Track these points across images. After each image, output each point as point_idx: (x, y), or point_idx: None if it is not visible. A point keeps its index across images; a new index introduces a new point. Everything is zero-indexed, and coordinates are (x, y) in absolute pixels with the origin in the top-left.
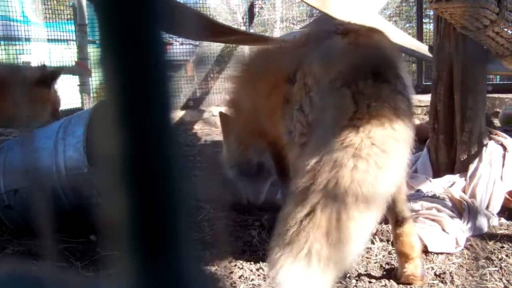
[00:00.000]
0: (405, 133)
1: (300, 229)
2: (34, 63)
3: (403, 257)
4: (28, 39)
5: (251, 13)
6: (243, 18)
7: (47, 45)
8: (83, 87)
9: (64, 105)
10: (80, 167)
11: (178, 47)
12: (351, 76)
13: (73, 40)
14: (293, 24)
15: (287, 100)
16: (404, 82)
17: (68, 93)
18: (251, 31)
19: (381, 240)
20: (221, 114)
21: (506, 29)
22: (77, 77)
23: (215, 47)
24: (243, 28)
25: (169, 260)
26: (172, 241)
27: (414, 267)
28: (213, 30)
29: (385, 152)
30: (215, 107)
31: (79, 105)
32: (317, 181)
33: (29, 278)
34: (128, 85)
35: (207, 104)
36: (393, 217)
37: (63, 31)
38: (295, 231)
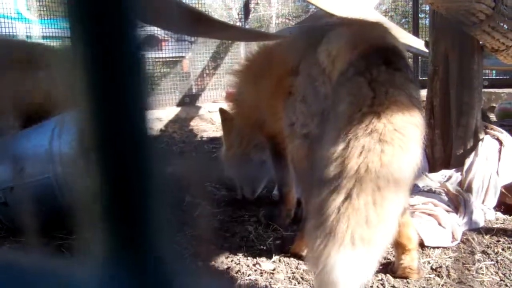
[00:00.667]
0: (420, 119)
1: (339, 216)
2: None
3: (400, 248)
4: (22, 37)
5: (246, 9)
6: (238, 14)
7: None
8: None
9: None
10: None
11: (173, 43)
12: (364, 65)
13: (68, 37)
14: (289, 19)
15: (290, 93)
16: (412, 72)
17: None
18: (247, 27)
19: None
20: (221, 110)
21: (502, 24)
22: None
23: (210, 44)
24: (238, 24)
25: (141, 244)
26: (144, 224)
27: (411, 259)
28: (201, 23)
29: (405, 136)
30: (211, 103)
31: None
32: (347, 168)
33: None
34: (98, 74)
35: (203, 101)
36: None
37: (58, 28)
38: (334, 219)
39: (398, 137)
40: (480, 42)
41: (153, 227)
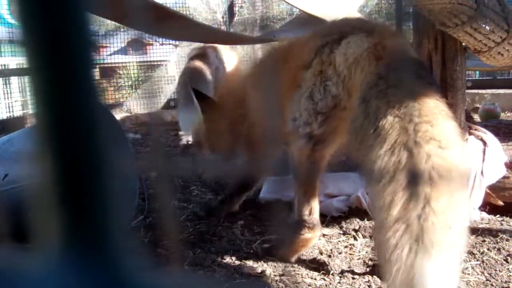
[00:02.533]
0: (456, 126)
1: (423, 223)
2: (12, 65)
3: None
4: (6, 41)
5: (231, 12)
6: (223, 18)
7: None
8: None
9: None
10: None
11: (158, 47)
12: (396, 78)
13: (20, 41)
14: (273, 22)
15: (299, 86)
16: (435, 80)
17: None
18: (231, 30)
19: (364, 237)
20: (204, 112)
21: (484, 25)
22: None
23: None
24: (223, 28)
25: (94, 232)
26: (97, 211)
27: None
28: (171, 21)
29: (454, 142)
30: None
31: None
32: (420, 174)
33: None
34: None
35: None
36: None
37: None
38: (418, 226)
39: (452, 142)
40: (463, 44)
41: (112, 222)
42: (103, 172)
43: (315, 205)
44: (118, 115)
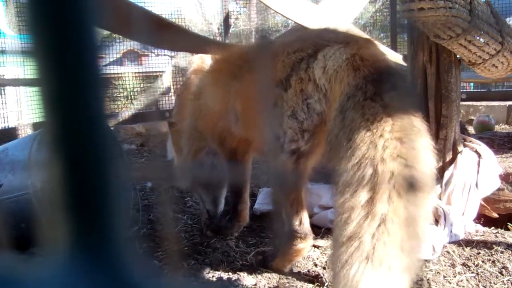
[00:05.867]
0: (431, 140)
1: (375, 242)
2: (8, 76)
3: None
4: (2, 52)
5: (226, 24)
6: (218, 29)
7: (21, 58)
8: None
9: (40, 118)
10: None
11: (154, 58)
12: (373, 90)
13: (29, 52)
14: (269, 34)
15: (275, 104)
16: (415, 91)
17: None
18: (227, 41)
19: None
20: (170, 122)
21: (478, 37)
22: None
23: (191, 58)
24: (218, 39)
25: (99, 242)
26: (102, 222)
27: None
28: (166, 31)
29: (425, 159)
30: None
31: None
32: (379, 193)
33: None
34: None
35: None
36: None
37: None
38: (370, 245)
39: (421, 160)
40: (457, 56)
41: (116, 228)
42: (108, 179)
43: (304, 215)
44: (113, 125)
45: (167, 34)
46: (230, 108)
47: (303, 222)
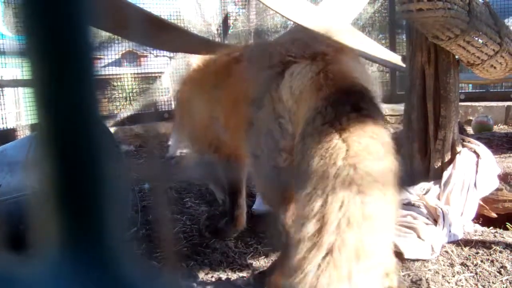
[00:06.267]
0: (394, 163)
1: (320, 273)
2: (6, 77)
3: None
4: (2, 53)
5: (225, 25)
6: (217, 30)
7: (19, 59)
8: None
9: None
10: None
11: (153, 59)
12: (332, 113)
13: (24, 53)
14: (268, 35)
15: (251, 123)
16: (381, 112)
17: None
18: (226, 42)
19: None
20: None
21: (476, 38)
22: None
23: (190, 59)
24: (218, 40)
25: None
26: (97, 222)
27: (390, 280)
28: (164, 32)
29: (384, 184)
30: None
31: None
32: (327, 223)
33: None
34: (49, 79)
35: None
36: None
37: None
38: (315, 275)
39: (377, 186)
40: (456, 56)
41: (112, 229)
42: (102, 178)
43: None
44: (112, 126)
45: (166, 35)
46: (214, 118)
47: None
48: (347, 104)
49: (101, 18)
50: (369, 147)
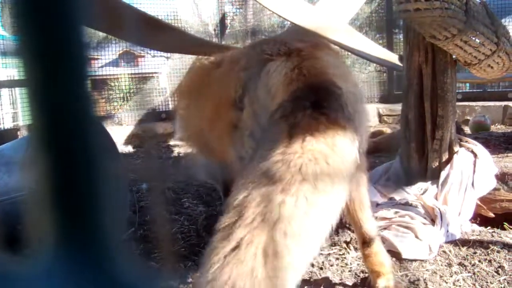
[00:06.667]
0: (342, 166)
1: (224, 265)
2: (2, 77)
3: (375, 273)
4: (3, 53)
5: (222, 25)
6: (214, 30)
7: (14, 59)
8: None
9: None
10: (24, 188)
11: (150, 59)
12: (290, 107)
13: (17, 53)
14: (265, 36)
15: (235, 126)
16: (348, 110)
17: None
18: (223, 42)
19: (356, 249)
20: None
21: (473, 38)
22: None
23: (187, 59)
24: (215, 40)
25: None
26: (93, 222)
27: (387, 281)
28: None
29: (316, 189)
30: None
31: None
32: (243, 216)
33: None
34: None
35: None
36: (360, 238)
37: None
38: (218, 268)
39: (306, 188)
40: (453, 56)
41: (107, 226)
42: (98, 177)
43: None
44: (109, 127)
45: (162, 35)
46: (201, 125)
47: None
48: (307, 99)
49: (96, 18)
50: (312, 146)
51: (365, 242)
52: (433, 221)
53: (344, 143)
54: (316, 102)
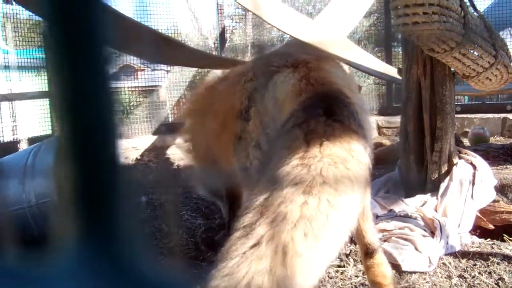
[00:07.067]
0: (359, 171)
1: (242, 260)
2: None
3: (376, 285)
4: (6, 67)
5: (222, 39)
6: (214, 44)
7: (17, 73)
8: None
9: (34, 132)
10: (50, 194)
11: (150, 72)
12: (303, 116)
13: (43, 68)
14: (266, 49)
15: (239, 137)
16: (359, 118)
17: (39, 119)
18: (223, 55)
19: (355, 261)
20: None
21: (472, 51)
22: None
23: (187, 72)
24: (214, 53)
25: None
26: (111, 218)
27: None
28: (172, 50)
29: (337, 191)
30: None
31: (49, 131)
32: (265, 215)
33: None
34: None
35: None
36: (363, 249)
37: (33, 58)
38: (235, 263)
39: (327, 191)
40: (452, 69)
41: (126, 224)
42: (118, 180)
43: None
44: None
45: (174, 51)
46: (207, 140)
47: None
48: (319, 107)
49: (116, 36)
50: (331, 151)
51: (368, 253)
52: (432, 233)
53: (359, 148)
54: (327, 110)
